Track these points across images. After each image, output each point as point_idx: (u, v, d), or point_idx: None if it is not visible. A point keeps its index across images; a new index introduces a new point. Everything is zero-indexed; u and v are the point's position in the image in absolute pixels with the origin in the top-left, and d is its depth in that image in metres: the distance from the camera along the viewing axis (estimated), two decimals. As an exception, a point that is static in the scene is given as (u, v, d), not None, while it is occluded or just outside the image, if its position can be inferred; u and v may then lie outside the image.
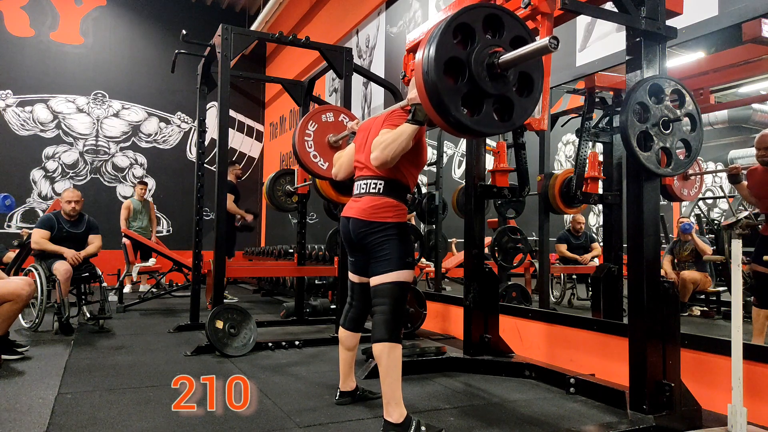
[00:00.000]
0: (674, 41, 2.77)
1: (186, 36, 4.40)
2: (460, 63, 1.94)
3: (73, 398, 2.79)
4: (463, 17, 1.93)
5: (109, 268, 6.80)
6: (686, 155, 2.50)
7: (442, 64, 1.90)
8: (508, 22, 2.01)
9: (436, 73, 1.88)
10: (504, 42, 1.99)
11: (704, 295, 5.42)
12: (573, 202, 4.03)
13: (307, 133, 3.47)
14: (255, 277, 8.67)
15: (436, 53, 1.88)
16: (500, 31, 2.00)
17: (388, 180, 2.43)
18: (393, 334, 2.32)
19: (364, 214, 2.42)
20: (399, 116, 2.45)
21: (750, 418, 2.27)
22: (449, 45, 1.91)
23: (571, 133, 6.39)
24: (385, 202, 2.41)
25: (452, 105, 1.92)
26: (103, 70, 9.93)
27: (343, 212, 2.56)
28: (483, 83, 1.94)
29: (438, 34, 1.90)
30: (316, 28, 8.85)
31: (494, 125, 2.04)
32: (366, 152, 2.50)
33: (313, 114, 3.52)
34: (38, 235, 4.77)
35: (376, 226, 2.40)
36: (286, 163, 9.99)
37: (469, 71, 1.93)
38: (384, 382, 2.29)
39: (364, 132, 2.61)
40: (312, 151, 3.48)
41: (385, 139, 2.32)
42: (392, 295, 2.35)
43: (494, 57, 1.93)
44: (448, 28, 1.90)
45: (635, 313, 2.50)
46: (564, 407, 2.83)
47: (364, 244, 2.45)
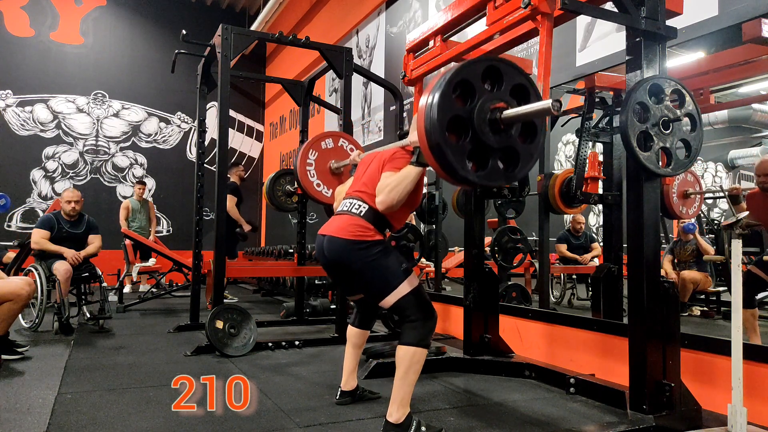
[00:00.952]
0: (674, 41, 2.76)
1: (186, 36, 4.40)
2: (462, 121, 1.93)
3: (73, 398, 2.79)
4: (463, 74, 1.92)
5: (109, 268, 6.79)
6: (686, 155, 2.50)
7: (445, 124, 1.89)
8: (507, 71, 2.00)
9: (440, 134, 1.87)
10: (504, 93, 1.98)
11: (704, 295, 5.42)
12: (573, 202, 4.02)
13: (308, 162, 3.46)
14: (255, 277, 8.68)
15: (438, 114, 1.86)
16: (499, 81, 1.99)
17: (375, 210, 2.37)
18: (423, 340, 2.28)
19: (342, 232, 2.37)
20: (402, 158, 2.39)
21: (750, 418, 2.27)
22: (451, 104, 1.90)
23: (571, 133, 6.39)
24: (365, 224, 2.36)
25: (459, 165, 1.91)
26: (103, 70, 9.93)
27: (322, 229, 2.48)
28: (487, 139, 1.94)
29: (439, 94, 1.87)
30: (316, 28, 8.85)
31: (501, 177, 2.04)
32: (362, 182, 2.47)
33: (313, 143, 3.49)
34: (38, 235, 4.77)
35: (358, 245, 2.33)
36: (286, 163, 9.99)
37: (472, 129, 1.92)
38: (398, 382, 2.27)
39: (364, 165, 2.59)
40: (315, 180, 3.47)
41: (389, 182, 2.28)
42: (412, 305, 2.31)
43: (496, 113, 1.93)
44: (448, 86, 1.89)
45: (635, 313, 2.50)
46: (564, 407, 2.83)
47: (347, 266, 2.38)
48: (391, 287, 2.31)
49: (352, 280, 2.49)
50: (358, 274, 2.38)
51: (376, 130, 7.07)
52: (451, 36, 3.13)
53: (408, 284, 2.32)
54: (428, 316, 2.32)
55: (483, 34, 2.72)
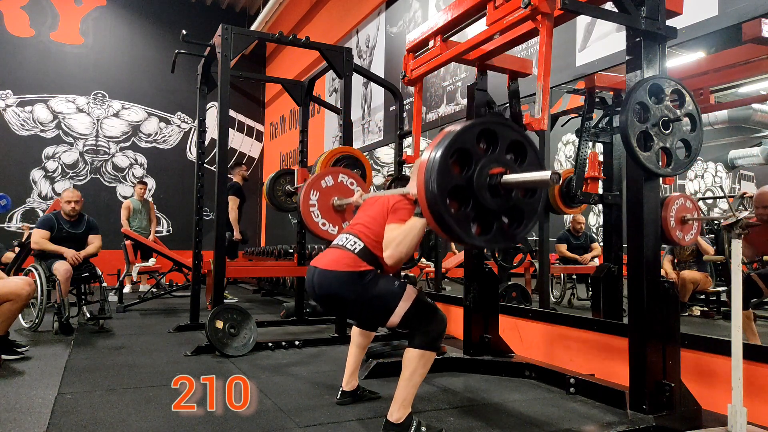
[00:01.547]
0: (674, 41, 2.77)
1: (186, 36, 4.40)
2: (462, 189, 1.94)
3: (73, 398, 2.79)
4: (458, 143, 1.91)
5: (109, 268, 6.79)
6: (686, 155, 2.50)
7: (446, 195, 1.89)
8: (501, 131, 2.00)
9: (442, 205, 1.88)
10: (501, 152, 1.99)
11: (704, 295, 5.42)
12: (573, 202, 4.03)
13: (311, 203, 3.45)
14: (255, 277, 8.67)
15: (438, 187, 1.87)
16: (494, 142, 1.99)
17: (369, 251, 2.36)
18: (432, 344, 2.29)
19: (335, 265, 2.35)
20: (405, 208, 2.36)
21: (750, 418, 2.27)
22: (449, 175, 1.90)
23: (571, 133, 6.39)
24: (357, 262, 2.34)
25: (464, 234, 1.93)
26: (103, 70, 9.93)
27: (314, 261, 2.47)
28: (488, 204, 1.94)
29: (437, 167, 1.87)
30: (316, 28, 8.85)
31: (507, 238, 2.05)
32: (361, 223, 2.46)
33: (313, 184, 3.46)
34: (38, 235, 4.77)
35: (351, 275, 2.31)
36: (286, 163, 9.99)
37: (473, 196, 1.93)
38: (403, 383, 2.27)
39: (366, 206, 2.59)
40: (320, 219, 3.46)
41: (396, 236, 2.26)
42: (415, 317, 2.30)
43: (495, 179, 1.93)
44: (444, 157, 1.88)
45: (635, 313, 2.50)
46: (564, 407, 2.83)
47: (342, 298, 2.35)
48: (391, 309, 2.30)
49: (349, 310, 2.47)
50: (354, 304, 2.36)
51: (376, 130, 7.07)
52: (451, 36, 3.13)
53: (407, 300, 2.31)
54: (436, 321, 2.32)
55: (483, 34, 2.72)
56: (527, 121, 2.52)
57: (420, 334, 2.29)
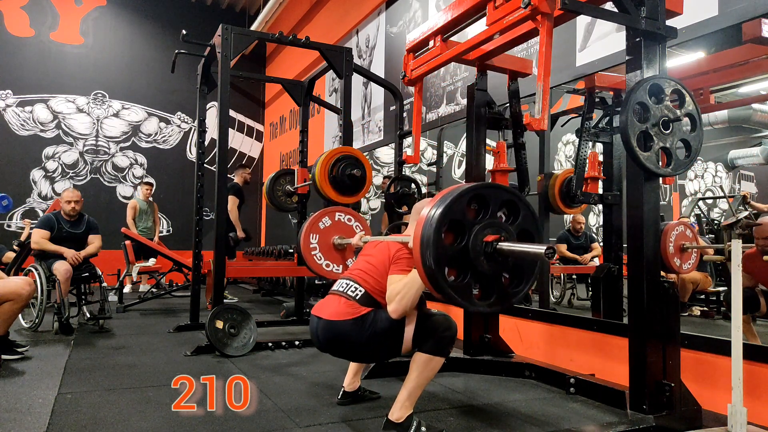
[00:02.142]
0: (674, 41, 2.77)
1: (186, 36, 4.40)
2: (459, 258, 1.95)
3: (73, 398, 2.79)
4: (450, 215, 1.92)
5: (109, 268, 6.79)
6: (686, 155, 2.50)
7: (443, 267, 1.91)
8: (491, 195, 2.01)
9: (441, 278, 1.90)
10: (493, 214, 2.00)
11: (704, 295, 5.42)
12: (573, 202, 4.02)
13: (312, 247, 3.46)
14: (255, 277, 8.67)
15: (435, 262, 1.88)
16: (486, 205, 2.00)
17: (371, 297, 2.36)
18: (443, 350, 2.30)
19: (338, 315, 2.33)
20: (405, 260, 2.36)
21: (750, 418, 2.27)
22: (444, 248, 1.92)
23: (571, 133, 6.39)
24: (359, 307, 2.33)
25: (466, 302, 1.95)
26: (103, 70, 9.93)
27: (315, 309, 2.45)
28: (486, 270, 1.96)
29: (432, 238, 1.88)
30: (316, 28, 8.85)
31: (511, 295, 2.06)
32: (361, 269, 2.46)
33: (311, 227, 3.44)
34: (38, 235, 4.77)
35: (355, 322, 2.30)
36: (286, 163, 9.99)
37: (470, 266, 1.95)
38: (408, 384, 2.27)
39: (368, 250, 2.59)
40: (323, 261, 3.46)
41: (399, 289, 2.26)
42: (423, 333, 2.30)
43: (491, 247, 1.95)
44: (438, 232, 1.89)
45: (635, 313, 2.50)
46: (564, 407, 2.83)
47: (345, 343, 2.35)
48: (400, 338, 2.30)
49: (359, 353, 2.45)
50: (363, 347, 2.35)
51: (376, 130, 7.07)
52: (451, 36, 3.13)
53: (410, 323, 2.31)
54: (445, 329, 2.32)
55: (483, 34, 2.72)
56: (527, 121, 2.52)
57: (430, 340, 2.29)
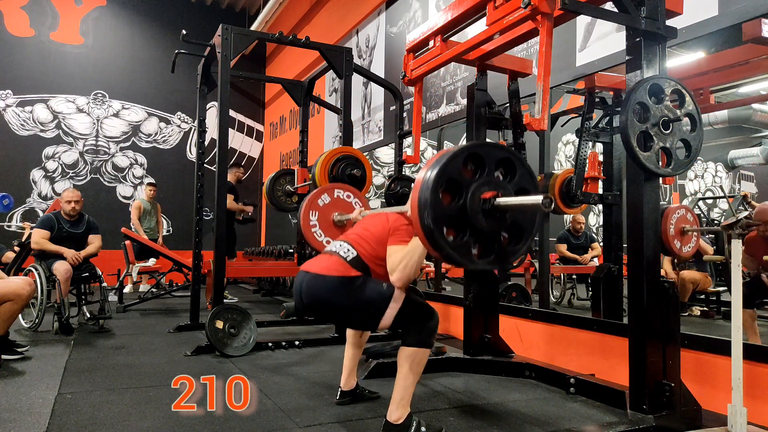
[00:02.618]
0: (674, 41, 2.76)
1: (186, 36, 4.40)
2: (457, 217, 1.94)
3: (73, 398, 2.79)
4: (446, 175, 1.91)
5: (109, 268, 6.79)
6: (686, 155, 2.50)
7: (442, 227, 1.89)
8: (486, 153, 2.00)
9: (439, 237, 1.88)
10: (490, 173, 1.98)
11: (704, 295, 5.42)
12: (573, 202, 4.02)
13: (311, 224, 3.45)
14: (255, 277, 8.67)
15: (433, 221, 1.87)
16: (482, 165, 1.98)
17: (362, 261, 2.35)
18: (426, 341, 2.29)
19: (326, 271, 2.33)
20: (405, 230, 2.35)
21: (750, 418, 2.27)
22: (441, 208, 1.90)
23: (571, 133, 6.40)
24: (349, 267, 2.33)
25: (465, 260, 1.94)
26: (103, 70, 9.93)
27: (304, 265, 2.44)
28: (485, 227, 1.95)
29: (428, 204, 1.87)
30: (316, 28, 8.85)
31: (509, 254, 2.04)
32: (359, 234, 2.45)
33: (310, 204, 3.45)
34: (38, 235, 4.77)
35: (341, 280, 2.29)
36: (286, 163, 9.99)
37: (469, 224, 1.93)
38: (400, 383, 2.27)
39: (366, 221, 2.59)
40: (323, 238, 3.46)
41: (401, 258, 2.25)
42: (406, 317, 2.30)
43: (488, 203, 1.94)
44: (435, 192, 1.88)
45: (635, 313, 2.50)
46: (564, 407, 2.83)
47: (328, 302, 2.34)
48: (381, 311, 2.28)
49: (338, 316, 2.45)
50: (344, 310, 2.35)
51: (376, 130, 7.07)
52: (451, 36, 3.13)
53: (396, 302, 2.30)
54: (426, 319, 2.32)
55: (483, 34, 2.72)
56: (527, 121, 2.52)
57: (413, 332, 2.29)
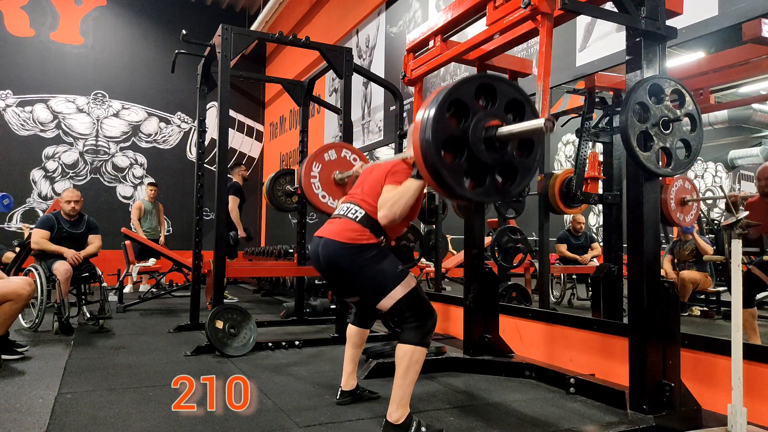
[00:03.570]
0: (674, 41, 2.77)
1: (186, 36, 4.40)
2: (458, 140, 1.93)
3: (73, 398, 2.79)
4: (456, 94, 1.91)
5: (109, 268, 6.79)
6: (686, 155, 2.50)
7: (441, 145, 1.89)
8: (501, 88, 2.00)
9: (436, 155, 1.87)
10: (499, 109, 1.98)
11: (704, 295, 5.42)
12: (573, 202, 4.03)
13: (312, 175, 3.45)
14: (255, 277, 8.67)
15: (432, 136, 1.86)
16: (493, 98, 1.98)
17: (371, 217, 2.37)
18: (424, 339, 2.29)
19: (337, 236, 2.36)
20: (402, 171, 2.38)
21: (750, 418, 2.27)
22: (445, 125, 1.90)
23: (571, 133, 6.39)
24: (361, 229, 2.35)
25: (456, 184, 1.92)
26: (103, 70, 9.93)
27: (318, 231, 2.49)
28: (483, 157, 1.94)
29: (432, 115, 1.87)
30: (316, 28, 8.85)
31: (499, 194, 2.04)
32: (361, 190, 2.47)
33: (316, 155, 3.49)
34: (38, 235, 4.77)
35: (353, 249, 2.32)
36: (286, 163, 9.99)
37: (468, 148, 1.92)
38: (398, 382, 2.27)
39: (365, 175, 2.60)
40: (320, 192, 3.47)
41: (391, 196, 2.27)
42: (408, 306, 2.31)
43: (491, 131, 1.92)
44: (441, 107, 1.88)
45: (635, 313, 2.50)
46: (564, 407, 2.83)
47: (343, 270, 2.36)
48: (386, 290, 2.31)
49: (347, 283, 2.48)
50: (352, 277, 2.37)
51: (376, 130, 7.07)
52: (451, 36, 3.13)
53: (404, 286, 2.32)
54: (426, 316, 2.32)
55: (483, 34, 2.72)
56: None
57: (410, 329, 2.29)
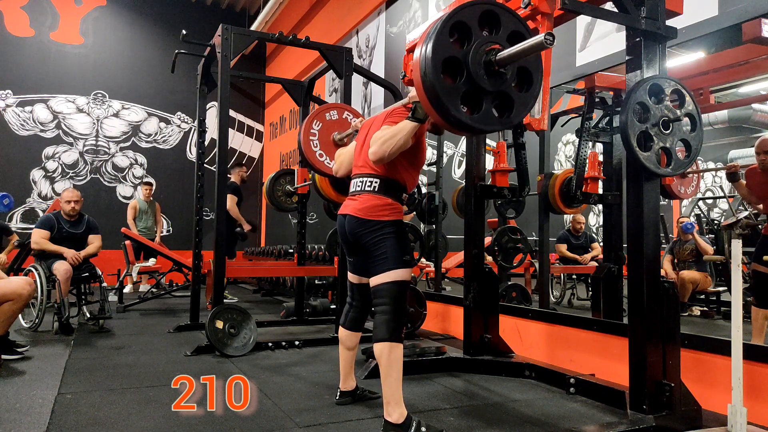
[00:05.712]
0: (674, 41, 2.76)
1: (186, 36, 4.40)
2: (457, 62, 1.93)
3: (73, 398, 2.79)
4: (459, 15, 1.92)
5: (109, 268, 6.79)
6: (686, 155, 2.50)
7: (440, 64, 1.89)
8: (504, 18, 2.01)
9: (434, 73, 1.88)
10: (501, 38, 1.98)
11: (704, 295, 5.42)
12: (573, 202, 4.03)
13: (312, 132, 3.46)
14: (255, 277, 8.67)
15: (432, 53, 1.87)
16: (497, 27, 1.99)
17: (385, 179, 2.42)
18: (394, 333, 2.31)
19: (360, 212, 2.42)
20: (400, 114, 2.43)
21: (750, 418, 2.27)
22: (446, 44, 1.91)
23: (571, 133, 6.39)
24: (382, 200, 2.40)
25: (451, 105, 1.91)
26: (103, 70, 9.93)
27: (340, 210, 2.55)
28: (481, 81, 1.94)
29: (434, 34, 1.88)
30: (316, 28, 8.85)
31: (494, 122, 2.04)
32: (365, 150, 2.48)
33: (318, 113, 3.52)
34: (38, 235, 4.77)
35: (372, 224, 2.38)
36: (286, 163, 9.99)
37: (467, 70, 1.92)
38: (384, 381, 2.28)
39: (365, 129, 2.62)
40: (318, 150, 3.48)
41: (384, 134, 2.29)
42: (392, 295, 2.34)
43: (491, 55, 1.93)
44: (444, 26, 1.89)
45: (635, 313, 2.50)
46: (564, 407, 2.83)
47: (362, 243, 2.44)
48: (386, 267, 2.35)
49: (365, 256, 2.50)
50: (365, 249, 2.42)
51: (376, 130, 7.07)
52: (451, 36, 3.12)
53: (401, 274, 2.35)
54: (400, 312, 2.35)
55: (483, 34, 2.71)
56: (527, 121, 2.52)
57: (382, 322, 2.31)
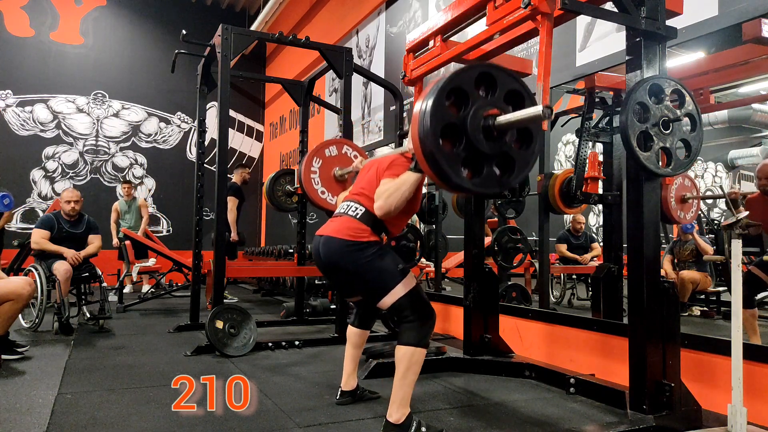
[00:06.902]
0: (674, 41, 2.77)
1: (186, 36, 4.40)
2: (456, 128, 1.92)
3: (73, 398, 2.79)
4: (456, 81, 1.91)
5: (109, 268, 6.79)
6: (686, 155, 2.50)
7: (438, 132, 1.88)
8: (501, 78, 2.00)
9: (433, 142, 1.87)
10: (498, 99, 1.97)
11: (704, 295, 5.42)
12: (573, 202, 4.02)
13: (312, 170, 3.46)
14: (255, 277, 8.67)
15: (431, 122, 1.85)
16: (493, 88, 1.98)
17: (371, 212, 2.37)
18: (423, 340, 2.28)
19: (338, 233, 2.36)
20: (401, 165, 2.39)
21: (750, 418, 2.27)
22: (443, 112, 1.89)
23: (571, 133, 6.39)
24: (361, 226, 2.36)
25: (453, 173, 1.91)
26: (103, 70, 9.93)
27: (318, 231, 2.50)
28: (481, 146, 1.93)
29: (432, 102, 1.86)
30: (316, 28, 8.85)
31: (496, 184, 2.03)
32: (361, 186, 2.48)
33: (317, 150, 3.50)
34: (38, 235, 4.77)
35: (354, 245, 2.32)
36: (286, 163, 9.99)
37: (466, 137, 1.92)
38: (398, 382, 2.26)
39: (365, 171, 2.60)
40: (319, 187, 3.48)
41: (388, 188, 2.27)
42: (408, 306, 2.31)
43: (490, 120, 1.92)
44: (441, 94, 1.88)
45: (635, 313, 2.50)
46: (564, 407, 2.83)
47: (339, 266, 2.38)
48: (387, 288, 2.31)
49: (348, 281, 2.50)
50: (354, 275, 2.38)
51: (376, 130, 7.07)
52: (451, 36, 3.13)
53: (405, 285, 2.32)
54: (426, 316, 2.32)
55: (483, 34, 2.72)
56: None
57: (409, 329, 2.28)
